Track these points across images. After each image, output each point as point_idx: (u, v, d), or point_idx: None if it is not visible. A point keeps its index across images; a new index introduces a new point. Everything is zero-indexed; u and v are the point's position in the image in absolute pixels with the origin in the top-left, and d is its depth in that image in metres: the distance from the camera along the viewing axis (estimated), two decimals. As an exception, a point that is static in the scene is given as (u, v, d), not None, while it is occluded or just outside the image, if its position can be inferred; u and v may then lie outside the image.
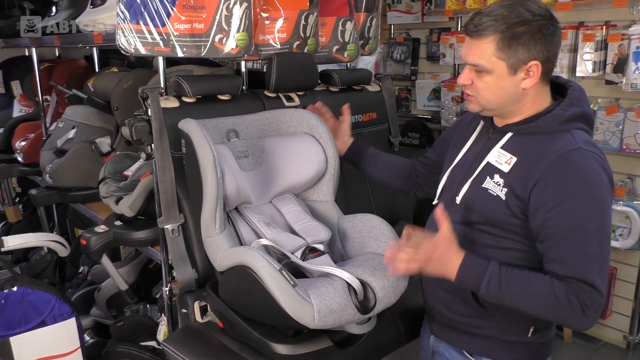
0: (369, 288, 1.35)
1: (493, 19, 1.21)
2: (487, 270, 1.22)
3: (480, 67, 1.24)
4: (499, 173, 1.28)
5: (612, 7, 2.66)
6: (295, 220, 1.57)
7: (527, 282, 1.20)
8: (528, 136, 1.28)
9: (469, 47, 1.25)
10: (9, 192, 3.55)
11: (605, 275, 1.20)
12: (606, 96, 2.83)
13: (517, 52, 1.21)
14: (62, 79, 2.96)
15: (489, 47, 1.22)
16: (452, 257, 1.25)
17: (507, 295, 1.21)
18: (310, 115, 1.71)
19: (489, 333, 1.35)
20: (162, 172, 1.57)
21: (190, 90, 1.65)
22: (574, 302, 1.16)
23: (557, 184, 1.19)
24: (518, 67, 1.23)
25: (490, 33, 1.21)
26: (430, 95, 3.77)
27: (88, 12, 2.01)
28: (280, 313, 1.25)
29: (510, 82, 1.24)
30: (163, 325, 1.87)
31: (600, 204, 1.19)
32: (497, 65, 1.22)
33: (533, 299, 1.20)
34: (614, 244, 2.79)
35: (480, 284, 1.22)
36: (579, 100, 1.29)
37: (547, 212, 1.19)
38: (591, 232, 1.18)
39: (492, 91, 1.26)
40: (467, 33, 1.26)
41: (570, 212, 1.18)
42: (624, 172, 2.82)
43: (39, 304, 1.86)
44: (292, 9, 1.89)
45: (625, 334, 2.94)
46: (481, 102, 1.29)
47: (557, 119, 1.25)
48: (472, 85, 1.28)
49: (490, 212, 1.29)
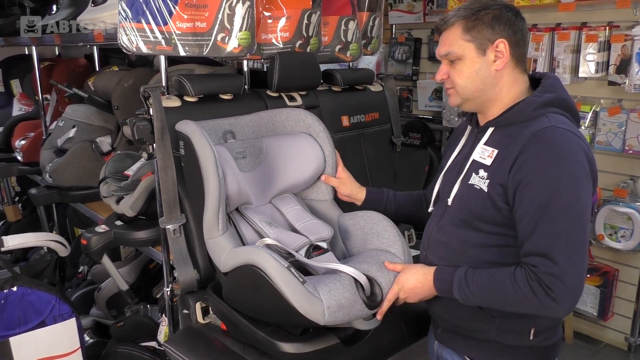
0: (375, 283, 1.35)
1: (457, 11, 1.32)
2: (454, 277, 1.29)
3: (451, 54, 1.31)
4: (483, 168, 1.30)
5: (615, 8, 2.65)
6: (297, 219, 1.57)
7: (490, 277, 1.24)
8: (506, 127, 1.31)
9: (440, 42, 1.35)
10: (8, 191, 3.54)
11: (576, 258, 1.16)
12: (609, 97, 2.82)
13: (481, 31, 1.28)
14: (62, 78, 2.95)
15: (455, 33, 1.30)
16: (426, 273, 1.35)
17: (477, 294, 1.25)
18: (306, 114, 1.71)
19: (490, 337, 1.34)
20: (163, 172, 1.56)
21: (192, 89, 1.64)
22: (534, 286, 1.16)
23: (528, 163, 1.21)
24: (486, 47, 1.29)
25: (455, 20, 1.30)
26: (432, 96, 3.76)
27: (89, 10, 2.00)
28: (289, 311, 1.24)
29: (481, 63, 1.30)
30: (164, 326, 1.86)
31: (572, 181, 1.18)
32: (466, 48, 1.29)
33: (497, 292, 1.23)
34: (615, 246, 2.78)
35: (452, 292, 1.29)
36: (553, 86, 1.31)
37: (521, 192, 1.21)
38: (561, 209, 1.17)
39: (466, 76, 1.31)
40: (437, 31, 1.37)
41: (540, 189, 1.19)
42: (627, 173, 2.81)
43: (39, 304, 1.85)
44: (294, 8, 1.88)
45: (627, 335, 2.93)
46: (459, 91, 1.34)
47: (531, 105, 1.28)
48: (449, 79, 1.35)
49: (476, 207, 1.30)
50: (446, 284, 1.31)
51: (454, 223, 1.37)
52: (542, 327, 1.32)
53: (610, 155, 2.81)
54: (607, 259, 2.94)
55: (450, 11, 1.34)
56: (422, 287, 1.36)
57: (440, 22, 1.34)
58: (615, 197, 2.77)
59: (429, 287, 1.34)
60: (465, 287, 1.26)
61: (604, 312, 2.93)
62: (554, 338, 1.36)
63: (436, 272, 1.34)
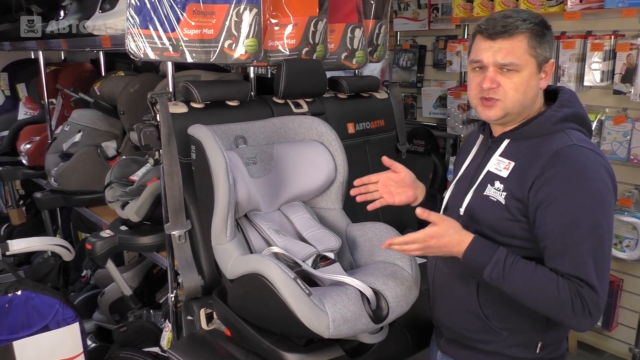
0: (382, 297, 1.34)
1: (520, 19, 1.22)
2: (493, 256, 1.21)
3: (512, 65, 1.22)
4: (498, 179, 1.28)
5: (620, 17, 2.65)
6: (305, 228, 1.56)
7: (532, 274, 1.19)
8: (524, 140, 1.29)
9: (497, 49, 1.23)
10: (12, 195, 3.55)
11: (604, 275, 1.18)
12: (614, 106, 2.81)
13: (544, 49, 1.24)
14: (68, 83, 2.96)
15: (521, 45, 1.22)
16: (462, 238, 1.24)
17: (509, 283, 1.20)
18: (319, 122, 1.70)
19: (496, 349, 1.33)
20: (169, 178, 1.56)
21: (199, 95, 1.64)
22: (576, 302, 1.15)
23: (552, 182, 1.19)
24: (542, 66, 1.25)
25: (522, 31, 1.21)
26: (436, 103, 3.76)
27: (97, 16, 2.01)
28: (294, 322, 1.24)
29: (536, 80, 1.26)
30: (167, 331, 1.85)
31: (597, 200, 1.17)
32: (529, 62, 1.23)
33: (535, 292, 1.19)
34: (620, 255, 2.76)
35: (484, 268, 1.22)
36: (570, 101, 1.29)
37: (544, 210, 1.19)
38: (587, 229, 1.16)
39: (521, 90, 1.24)
40: (490, 36, 1.24)
41: (565, 209, 1.17)
42: (632, 182, 2.80)
43: (43, 308, 1.85)
44: (301, 16, 1.89)
45: (631, 346, 2.90)
46: (508, 105, 1.25)
47: (550, 120, 1.26)
48: (499, 88, 1.25)
49: (492, 219, 1.28)
50: (481, 257, 1.22)
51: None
52: (550, 341, 1.32)
53: (615, 164, 2.76)
54: (611, 268, 2.90)
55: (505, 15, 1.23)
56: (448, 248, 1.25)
57: (498, 28, 1.22)
58: (620, 207, 2.75)
59: (457, 251, 1.24)
60: (501, 269, 1.19)
61: (608, 322, 2.91)
62: (559, 351, 1.36)
63: (474, 241, 1.24)
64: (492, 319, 1.31)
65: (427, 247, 1.25)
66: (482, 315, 1.32)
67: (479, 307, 1.32)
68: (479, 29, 1.26)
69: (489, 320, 1.31)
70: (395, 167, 1.49)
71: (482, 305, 1.32)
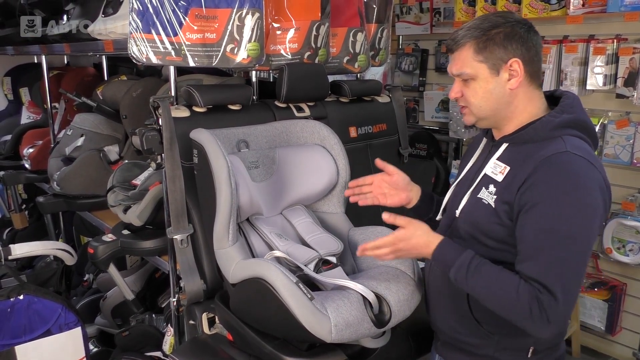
0: (384, 301, 1.34)
1: (467, 30, 1.28)
2: (459, 258, 1.24)
3: (464, 74, 1.28)
4: (493, 183, 1.29)
5: (623, 21, 2.64)
6: (307, 232, 1.56)
7: (494, 277, 1.20)
8: (521, 145, 1.29)
9: (452, 61, 1.32)
10: (15, 199, 3.55)
11: (569, 287, 1.15)
12: (617, 110, 2.80)
13: (493, 52, 1.25)
14: (71, 87, 2.97)
15: (467, 54, 1.27)
16: (430, 239, 1.29)
17: (472, 285, 1.22)
18: (321, 126, 1.70)
19: (487, 353, 1.33)
20: (172, 182, 1.57)
21: (201, 100, 1.64)
22: (534, 307, 1.13)
23: (537, 186, 1.18)
24: (499, 67, 1.26)
25: (466, 41, 1.27)
26: (438, 107, 3.76)
27: (100, 20, 2.02)
28: (296, 326, 1.23)
29: (495, 83, 1.27)
30: (169, 336, 1.85)
31: (578, 210, 1.16)
32: (479, 68, 1.27)
33: (495, 295, 1.20)
34: (623, 259, 2.76)
35: (450, 269, 1.25)
36: (571, 107, 1.28)
37: (525, 214, 1.19)
38: (562, 237, 1.15)
39: (480, 96, 1.29)
40: (448, 50, 1.33)
41: (544, 214, 1.17)
42: (634, 186, 2.79)
43: (45, 312, 1.85)
44: (303, 20, 1.89)
45: (635, 350, 2.89)
46: (474, 111, 1.32)
47: (547, 125, 1.25)
48: (463, 97, 1.32)
49: (481, 221, 1.29)
50: (448, 259, 1.26)
51: (460, 235, 1.35)
52: (541, 347, 1.31)
53: (618, 168, 2.79)
54: (615, 272, 2.91)
55: (459, 29, 1.30)
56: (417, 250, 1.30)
57: (450, 42, 1.31)
58: (624, 211, 2.74)
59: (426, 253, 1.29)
60: (465, 271, 1.22)
61: (611, 326, 2.89)
62: (552, 356, 1.35)
63: (442, 243, 1.28)
64: (483, 322, 1.31)
65: (397, 250, 1.30)
66: (473, 319, 1.32)
67: (469, 310, 1.32)
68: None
69: (480, 324, 1.31)
70: (388, 170, 1.52)
71: (473, 309, 1.32)
